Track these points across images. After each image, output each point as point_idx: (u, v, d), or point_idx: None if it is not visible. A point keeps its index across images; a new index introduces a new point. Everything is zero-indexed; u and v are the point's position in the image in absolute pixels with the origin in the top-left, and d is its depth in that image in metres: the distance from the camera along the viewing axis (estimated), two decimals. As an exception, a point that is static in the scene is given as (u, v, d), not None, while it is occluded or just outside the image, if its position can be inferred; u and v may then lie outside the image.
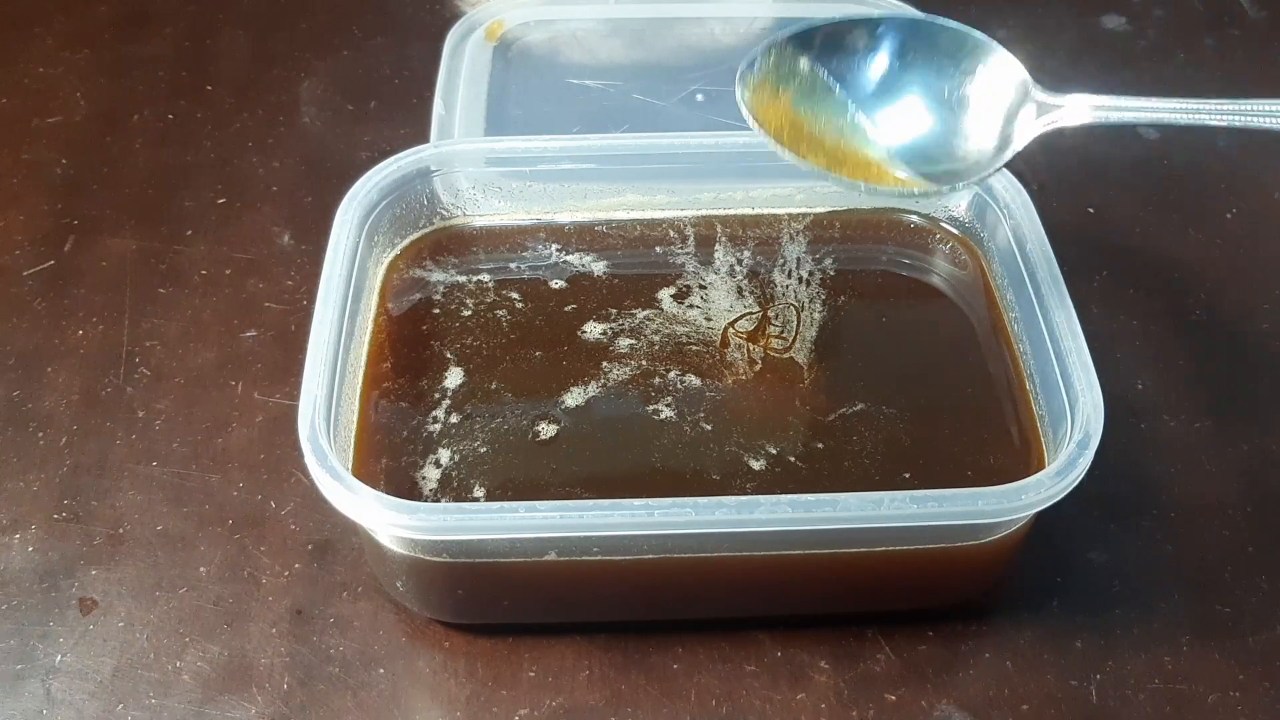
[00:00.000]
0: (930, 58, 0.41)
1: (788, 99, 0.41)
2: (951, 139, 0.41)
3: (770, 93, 0.41)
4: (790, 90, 0.41)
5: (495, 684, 0.43)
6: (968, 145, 0.41)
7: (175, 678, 0.43)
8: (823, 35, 0.41)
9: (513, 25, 0.66)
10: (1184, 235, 0.59)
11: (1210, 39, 0.71)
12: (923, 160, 0.41)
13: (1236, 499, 0.48)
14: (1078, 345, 0.43)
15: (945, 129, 0.41)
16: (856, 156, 0.41)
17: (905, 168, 0.41)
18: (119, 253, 0.57)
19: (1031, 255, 0.46)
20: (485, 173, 0.52)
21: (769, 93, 0.41)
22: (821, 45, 0.41)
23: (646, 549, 0.41)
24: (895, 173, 0.41)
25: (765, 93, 0.41)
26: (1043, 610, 0.45)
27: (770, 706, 0.43)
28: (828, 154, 0.41)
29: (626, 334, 0.48)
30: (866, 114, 0.41)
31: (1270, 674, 0.44)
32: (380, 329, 0.48)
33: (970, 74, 0.40)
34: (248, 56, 0.68)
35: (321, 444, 0.39)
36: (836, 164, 0.41)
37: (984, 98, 0.40)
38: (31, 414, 0.51)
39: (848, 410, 0.46)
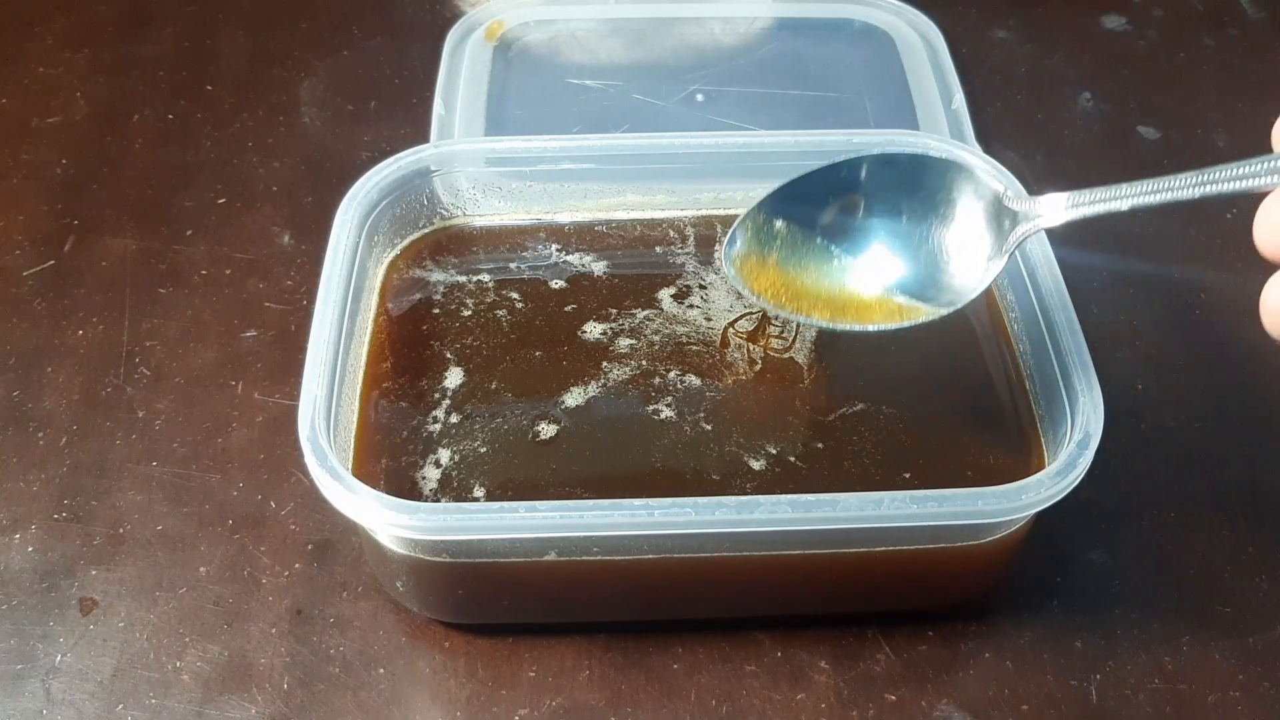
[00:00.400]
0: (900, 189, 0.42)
1: (774, 262, 0.43)
2: (938, 263, 0.42)
3: (758, 261, 0.43)
4: (775, 253, 0.43)
5: (495, 684, 0.43)
6: (955, 265, 0.42)
7: (175, 678, 0.43)
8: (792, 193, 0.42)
9: (513, 25, 0.66)
10: (1184, 235, 0.59)
11: (1210, 39, 0.71)
12: (915, 286, 0.42)
13: (1236, 499, 0.48)
14: (1078, 345, 0.43)
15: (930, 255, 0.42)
16: (855, 300, 0.42)
17: (902, 296, 0.42)
18: (119, 253, 0.57)
19: (1031, 256, 0.46)
20: (485, 173, 0.52)
21: (756, 261, 0.43)
22: (793, 203, 0.42)
23: (646, 549, 0.41)
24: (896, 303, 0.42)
25: (752, 262, 0.43)
26: (1043, 610, 0.45)
27: (770, 706, 0.43)
28: (826, 304, 0.43)
29: (626, 334, 0.48)
30: (852, 257, 0.43)
31: (1270, 674, 0.44)
32: (380, 329, 0.48)
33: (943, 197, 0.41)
34: (248, 56, 0.68)
35: (321, 444, 0.39)
36: (838, 312, 0.43)
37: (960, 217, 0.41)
38: (31, 414, 0.51)
39: (848, 410, 0.46)
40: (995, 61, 0.68)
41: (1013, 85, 0.67)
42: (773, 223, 0.43)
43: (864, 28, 0.67)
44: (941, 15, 0.66)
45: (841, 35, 0.67)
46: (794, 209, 0.43)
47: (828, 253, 0.43)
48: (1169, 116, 0.65)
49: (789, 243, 0.43)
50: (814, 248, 0.43)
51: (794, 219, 0.43)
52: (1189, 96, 0.67)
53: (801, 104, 0.63)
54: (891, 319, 0.42)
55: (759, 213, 0.43)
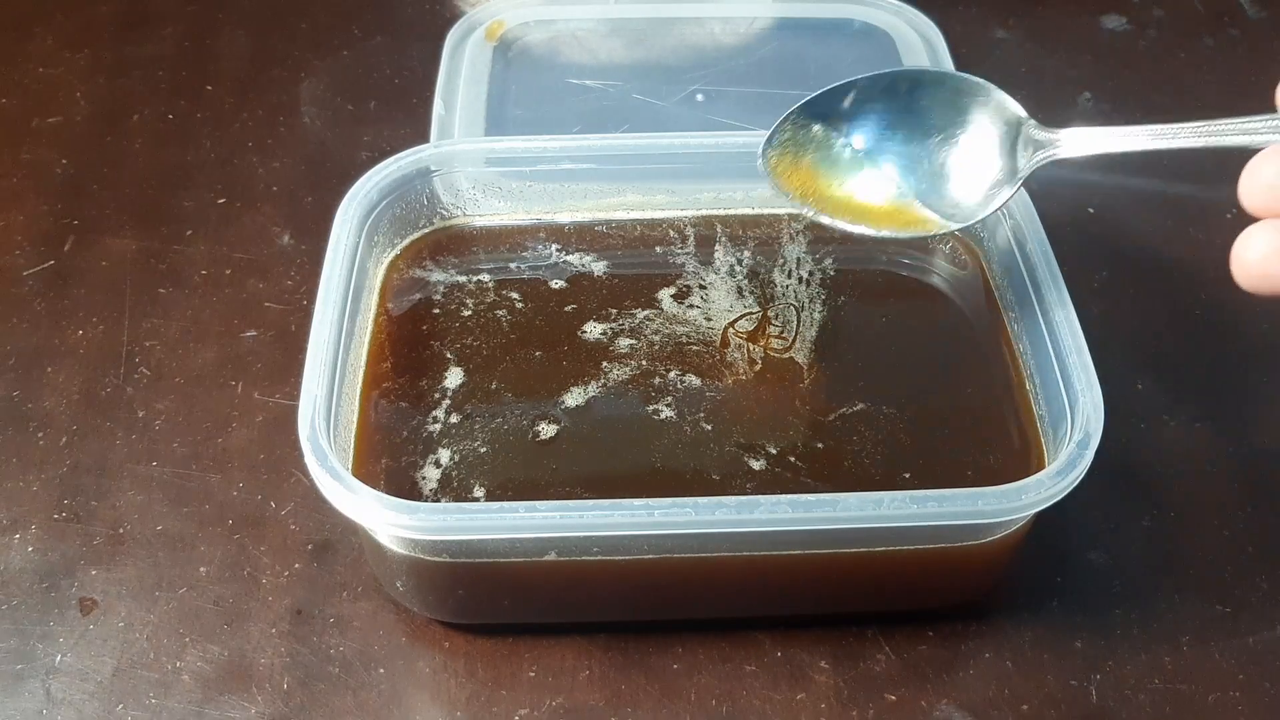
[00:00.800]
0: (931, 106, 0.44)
1: (808, 164, 0.45)
2: (960, 178, 0.44)
3: (791, 161, 0.45)
4: (809, 155, 0.45)
5: (495, 684, 0.43)
6: (975, 183, 0.44)
7: (175, 678, 0.43)
8: (831, 100, 0.44)
9: (513, 25, 0.66)
10: (1184, 235, 0.59)
11: (1210, 39, 0.71)
12: (937, 199, 0.44)
13: (1236, 499, 0.48)
14: (1078, 345, 0.43)
15: (954, 170, 0.44)
16: (879, 208, 0.44)
17: (924, 208, 0.44)
18: (119, 253, 0.57)
19: (1031, 255, 0.46)
20: (485, 173, 0.52)
21: (790, 161, 0.45)
22: (831, 110, 0.44)
23: (646, 549, 0.41)
24: (913, 213, 0.44)
25: (787, 161, 0.45)
26: (1043, 610, 0.45)
27: (770, 706, 0.43)
28: (853, 210, 0.45)
29: (626, 334, 0.48)
30: (881, 167, 0.44)
31: (1270, 674, 0.44)
32: (380, 329, 0.48)
33: (969, 117, 0.44)
34: (248, 56, 0.68)
35: (321, 444, 0.39)
36: (862, 217, 0.44)
37: (984, 138, 0.43)
38: (31, 414, 0.51)
39: (848, 410, 0.46)
40: (995, 61, 0.68)
41: (1013, 85, 0.66)
42: (810, 126, 0.44)
43: (864, 28, 0.67)
44: (941, 15, 0.66)
45: (841, 35, 0.67)
46: (831, 116, 0.44)
47: (858, 160, 0.44)
48: (1169, 116, 0.65)
49: (824, 145, 0.44)
50: (845, 153, 0.44)
51: (830, 124, 0.44)
52: (1189, 96, 0.67)
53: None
54: (908, 228, 0.44)
55: (799, 115, 0.44)
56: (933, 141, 0.44)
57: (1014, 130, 0.43)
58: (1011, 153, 0.43)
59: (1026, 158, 0.42)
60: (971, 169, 0.44)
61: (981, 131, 0.43)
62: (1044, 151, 0.41)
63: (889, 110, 0.44)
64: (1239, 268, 0.33)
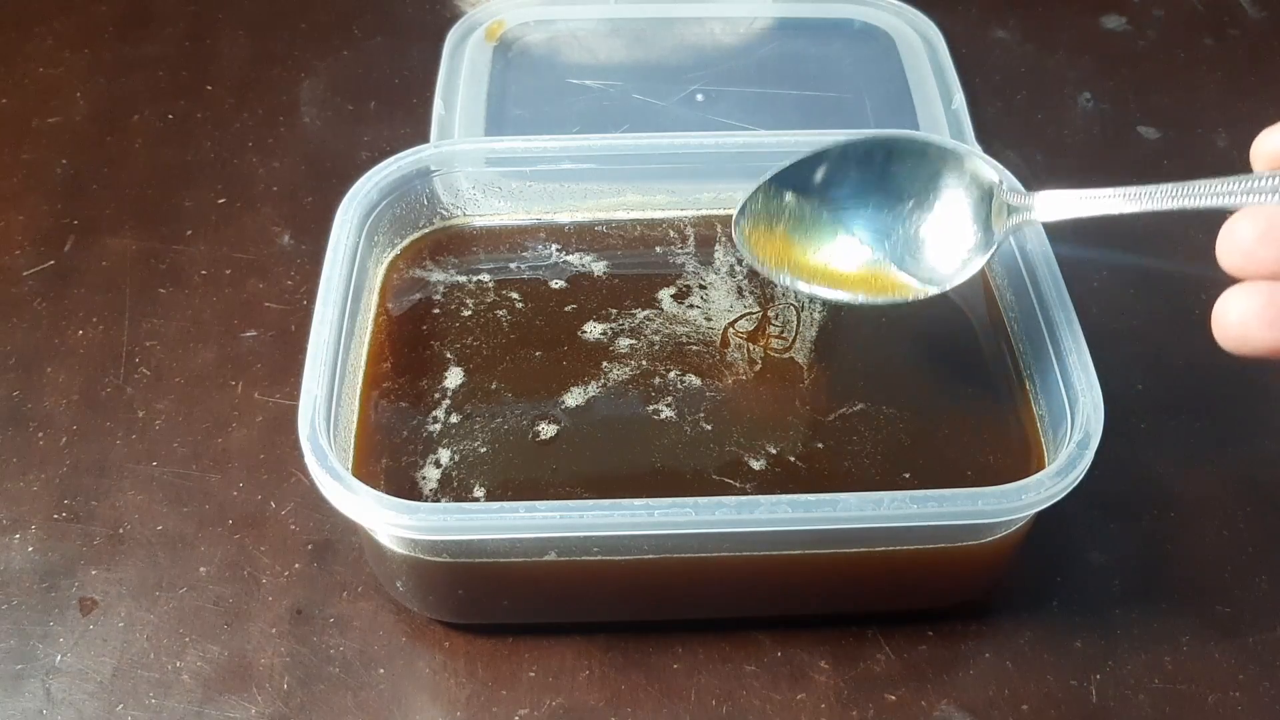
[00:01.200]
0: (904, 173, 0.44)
1: (781, 232, 0.45)
2: (935, 244, 0.44)
3: (766, 230, 0.45)
4: (781, 225, 0.45)
5: (495, 684, 0.43)
6: (950, 248, 0.44)
7: (175, 678, 0.43)
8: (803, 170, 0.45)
9: (513, 25, 0.66)
10: (1184, 235, 0.59)
11: (1210, 39, 0.71)
12: (913, 265, 0.44)
13: (1236, 499, 0.48)
14: (1078, 345, 0.43)
15: (928, 237, 0.44)
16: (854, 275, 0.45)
17: (900, 273, 0.44)
18: (119, 253, 0.57)
19: (1031, 255, 0.46)
20: (485, 173, 0.52)
21: (764, 231, 0.45)
22: (803, 179, 0.45)
23: (646, 549, 0.41)
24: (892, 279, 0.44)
25: (760, 231, 0.45)
26: (1043, 610, 0.45)
27: (770, 706, 0.43)
28: (828, 277, 0.45)
29: (626, 334, 0.48)
30: (855, 234, 0.45)
31: (1270, 674, 0.44)
32: (380, 329, 0.48)
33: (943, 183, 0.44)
34: (248, 56, 0.68)
35: (321, 444, 0.39)
36: (837, 284, 0.45)
37: (958, 204, 0.44)
38: (31, 414, 0.51)
39: (848, 410, 0.46)
40: (995, 61, 0.68)
41: (1013, 85, 0.67)
42: (783, 195, 0.45)
43: (864, 28, 0.67)
44: (941, 15, 0.66)
45: (841, 35, 0.67)
46: (803, 184, 0.45)
47: (832, 228, 0.45)
48: (1169, 116, 0.65)
49: (796, 215, 0.45)
50: (819, 222, 0.45)
51: (802, 194, 0.45)
52: (1189, 96, 0.67)
53: (801, 104, 0.63)
54: (883, 294, 0.44)
55: (770, 185, 0.45)
56: (906, 208, 0.44)
57: (988, 195, 0.43)
58: (986, 218, 0.43)
59: (1000, 223, 0.42)
60: (946, 235, 0.44)
61: (955, 197, 0.43)
62: (1017, 216, 0.41)
63: (862, 178, 0.44)
64: (1219, 329, 0.33)
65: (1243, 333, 0.33)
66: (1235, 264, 0.33)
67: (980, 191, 0.43)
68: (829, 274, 0.45)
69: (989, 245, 0.42)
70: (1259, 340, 0.33)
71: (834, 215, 0.44)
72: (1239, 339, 0.33)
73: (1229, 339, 0.33)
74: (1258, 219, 0.32)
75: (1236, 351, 0.33)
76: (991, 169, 0.43)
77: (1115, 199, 0.38)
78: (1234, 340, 0.33)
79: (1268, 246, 0.32)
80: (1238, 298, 0.33)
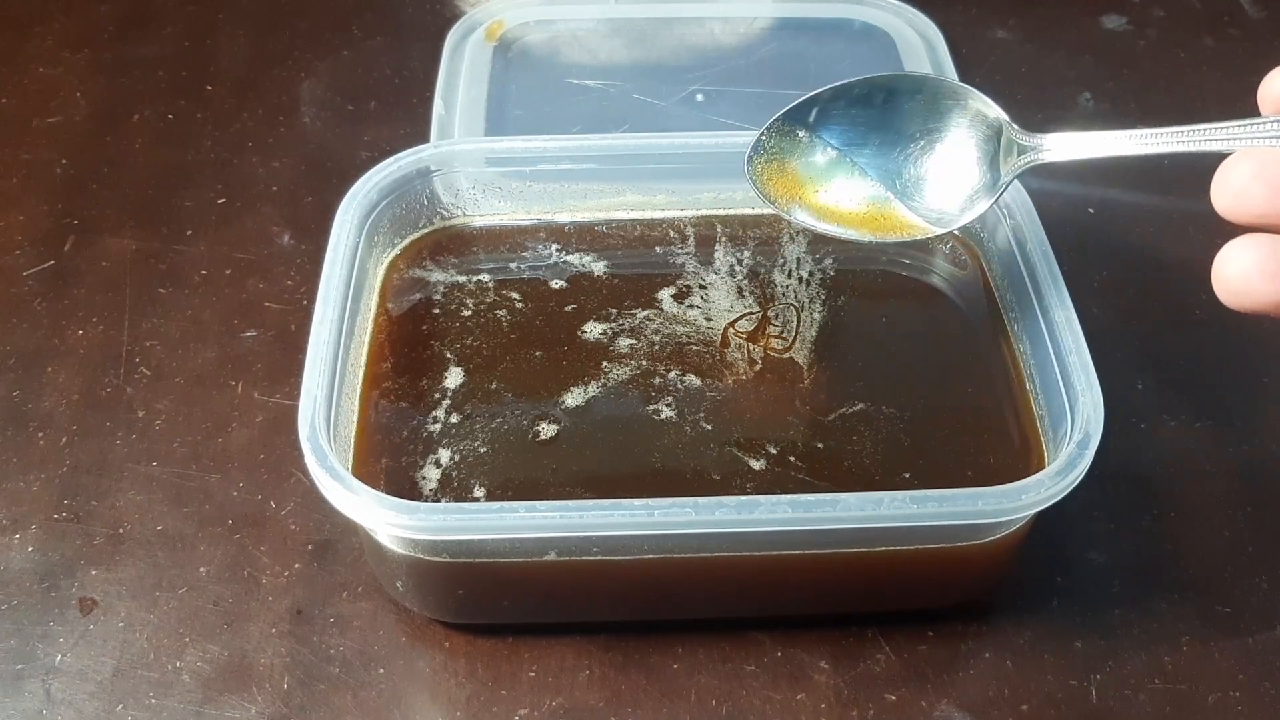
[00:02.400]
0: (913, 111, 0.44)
1: (792, 170, 0.45)
2: (943, 183, 0.44)
3: (777, 168, 0.45)
4: (793, 162, 0.45)
5: (495, 684, 0.43)
6: (958, 188, 0.43)
7: (175, 678, 0.43)
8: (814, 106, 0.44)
9: (513, 25, 0.66)
10: (1184, 235, 0.59)
11: (1210, 39, 0.71)
12: (920, 204, 0.44)
13: (1236, 499, 0.48)
14: (1078, 345, 0.43)
15: (936, 175, 0.44)
16: (862, 213, 0.44)
17: (908, 212, 0.44)
18: (119, 253, 0.57)
19: (1031, 255, 0.46)
20: (485, 173, 0.52)
21: (775, 168, 0.45)
22: (813, 116, 0.44)
23: (646, 549, 0.41)
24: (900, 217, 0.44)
25: (772, 169, 0.45)
26: (1043, 610, 0.45)
27: (770, 706, 0.43)
28: (836, 215, 0.45)
29: (626, 334, 0.48)
30: (864, 172, 0.45)
31: (1270, 674, 0.44)
32: (380, 329, 0.48)
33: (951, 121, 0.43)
34: (248, 56, 0.68)
35: (321, 444, 0.39)
36: (845, 222, 0.45)
37: (966, 142, 0.43)
38: (31, 414, 0.51)
39: (848, 410, 0.46)
40: (995, 61, 0.68)
41: (1013, 85, 0.67)
42: (795, 132, 0.45)
43: (864, 28, 0.67)
44: (941, 15, 0.66)
45: (841, 35, 0.67)
46: (815, 121, 0.44)
47: (843, 166, 0.44)
48: (1169, 116, 0.65)
49: (807, 151, 0.45)
50: (830, 160, 0.45)
51: (813, 130, 0.45)
52: (1189, 96, 0.67)
53: (801, 104, 0.63)
54: (891, 233, 0.44)
55: (783, 122, 0.45)
56: (915, 146, 0.44)
57: (996, 135, 0.43)
58: (994, 158, 0.43)
59: (1009, 163, 0.42)
60: (954, 174, 0.44)
61: (963, 136, 0.43)
62: (1026, 156, 0.41)
63: (871, 115, 0.44)
64: (1219, 283, 0.32)
65: (1243, 285, 0.32)
66: (1226, 203, 0.32)
67: (989, 131, 0.43)
68: (838, 213, 0.44)
69: (996, 186, 0.42)
70: (1260, 294, 0.32)
71: (845, 153, 0.44)
72: (1239, 292, 0.32)
73: (1229, 293, 0.32)
74: (1252, 158, 0.32)
75: (1236, 306, 0.32)
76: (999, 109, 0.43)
77: (1124, 140, 0.38)
78: (1234, 294, 0.32)
79: (1259, 184, 0.32)
80: (1238, 250, 0.32)
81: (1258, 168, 0.32)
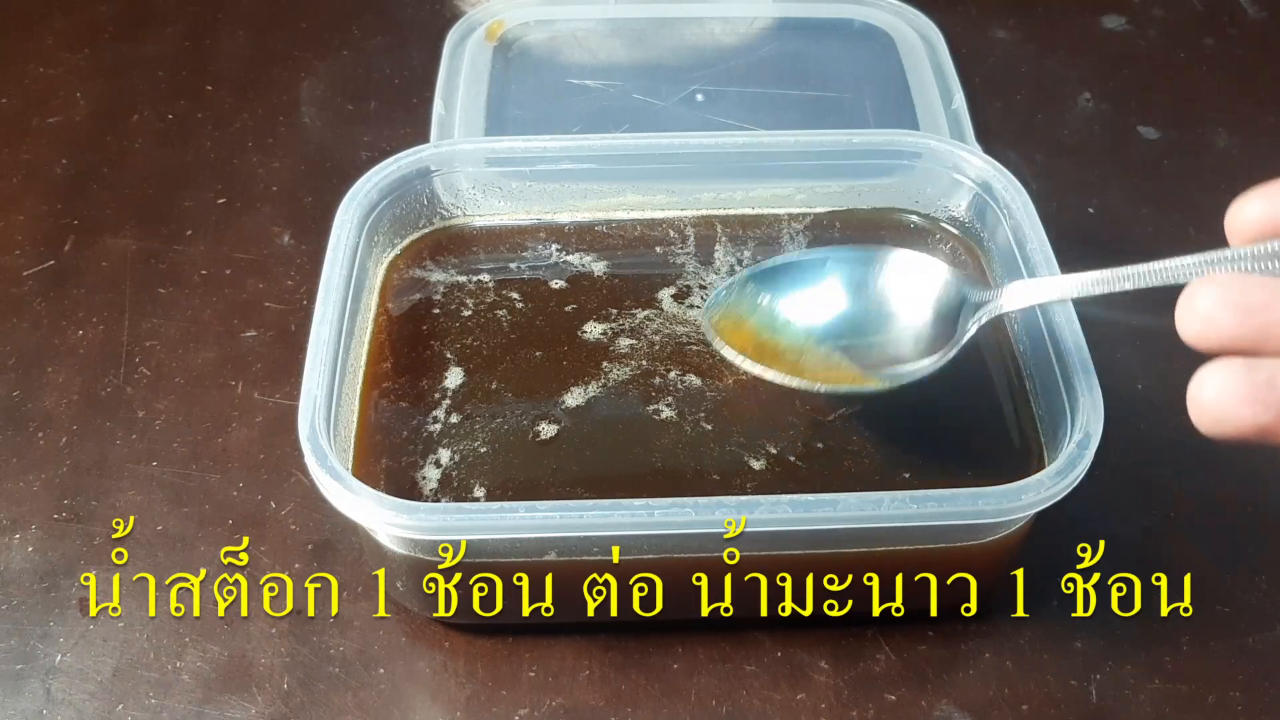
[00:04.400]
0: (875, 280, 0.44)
1: (750, 326, 0.45)
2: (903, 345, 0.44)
3: (735, 322, 0.45)
4: (752, 320, 0.45)
5: (495, 684, 0.43)
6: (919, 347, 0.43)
7: (175, 678, 0.43)
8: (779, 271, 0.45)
9: (513, 25, 0.66)
10: (1184, 235, 0.59)
11: (1210, 39, 0.71)
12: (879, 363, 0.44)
13: (1236, 499, 0.48)
14: (1078, 345, 0.43)
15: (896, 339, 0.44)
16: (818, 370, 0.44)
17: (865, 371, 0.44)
18: (119, 253, 0.57)
19: (1031, 255, 0.46)
20: (485, 173, 0.52)
21: (734, 321, 0.45)
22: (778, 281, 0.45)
23: (646, 549, 0.41)
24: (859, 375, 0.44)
25: (730, 322, 0.45)
26: (1043, 610, 0.45)
27: (770, 706, 0.43)
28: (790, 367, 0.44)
29: (627, 334, 0.48)
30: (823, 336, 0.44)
31: (1270, 674, 0.44)
32: (380, 329, 0.48)
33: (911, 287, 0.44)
34: (248, 56, 0.68)
35: (321, 444, 0.39)
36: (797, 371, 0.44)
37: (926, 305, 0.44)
38: (31, 414, 0.51)
39: (848, 410, 0.46)
40: (995, 61, 0.68)
41: (1013, 85, 0.67)
42: (756, 294, 0.45)
43: (864, 28, 0.67)
44: (941, 15, 0.66)
45: (841, 35, 0.67)
46: (777, 286, 0.45)
47: (802, 331, 0.44)
48: (1169, 116, 0.65)
49: (768, 314, 0.45)
50: (789, 327, 0.44)
51: (773, 294, 0.45)
52: (1189, 96, 0.67)
53: (801, 104, 0.63)
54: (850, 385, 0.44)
55: (746, 282, 0.45)
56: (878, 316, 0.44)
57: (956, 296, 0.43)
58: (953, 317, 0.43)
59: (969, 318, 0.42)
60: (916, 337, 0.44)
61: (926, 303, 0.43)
62: (985, 308, 0.41)
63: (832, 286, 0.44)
64: (1196, 410, 0.31)
65: (1221, 411, 0.31)
66: (1196, 329, 0.31)
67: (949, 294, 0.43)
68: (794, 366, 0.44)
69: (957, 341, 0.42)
70: (1239, 419, 0.30)
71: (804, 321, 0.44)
72: (1218, 419, 0.31)
73: (1206, 419, 0.31)
74: (1214, 284, 0.31)
75: (1215, 433, 0.31)
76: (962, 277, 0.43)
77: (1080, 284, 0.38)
78: (1212, 420, 0.31)
79: (1225, 309, 0.30)
80: (1212, 374, 0.31)
81: (1220, 291, 0.31)
